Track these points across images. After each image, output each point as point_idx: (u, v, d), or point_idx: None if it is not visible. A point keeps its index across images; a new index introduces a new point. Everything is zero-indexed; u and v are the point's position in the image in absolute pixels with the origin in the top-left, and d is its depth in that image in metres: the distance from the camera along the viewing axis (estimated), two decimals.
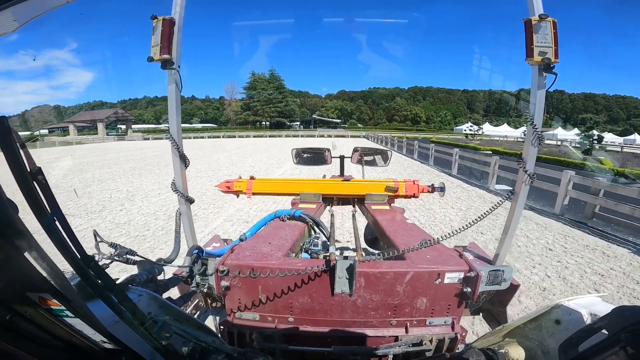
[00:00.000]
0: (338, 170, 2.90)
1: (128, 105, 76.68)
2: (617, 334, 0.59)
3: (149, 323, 0.71)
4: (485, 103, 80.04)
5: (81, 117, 53.94)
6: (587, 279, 3.86)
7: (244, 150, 24.04)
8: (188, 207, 1.64)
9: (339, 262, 1.02)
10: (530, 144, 1.40)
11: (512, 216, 1.53)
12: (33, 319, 0.60)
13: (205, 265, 1.14)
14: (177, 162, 1.54)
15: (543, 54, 1.28)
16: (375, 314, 1.11)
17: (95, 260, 0.70)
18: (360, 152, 2.81)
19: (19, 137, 0.55)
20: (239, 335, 1.13)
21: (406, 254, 1.20)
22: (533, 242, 5.07)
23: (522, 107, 2.23)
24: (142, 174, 12.30)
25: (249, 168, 13.45)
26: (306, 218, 1.67)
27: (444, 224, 5.97)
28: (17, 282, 0.55)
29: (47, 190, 0.57)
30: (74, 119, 51.89)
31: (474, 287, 1.08)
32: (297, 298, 1.10)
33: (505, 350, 0.95)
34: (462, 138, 43.89)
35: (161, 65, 1.39)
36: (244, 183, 2.22)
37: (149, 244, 4.87)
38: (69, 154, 23.24)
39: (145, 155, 20.76)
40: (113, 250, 1.24)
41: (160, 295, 1.09)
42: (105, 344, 0.69)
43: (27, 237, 0.53)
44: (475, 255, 1.69)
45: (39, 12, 0.77)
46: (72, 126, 49.50)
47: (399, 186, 2.13)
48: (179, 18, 1.39)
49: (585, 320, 0.87)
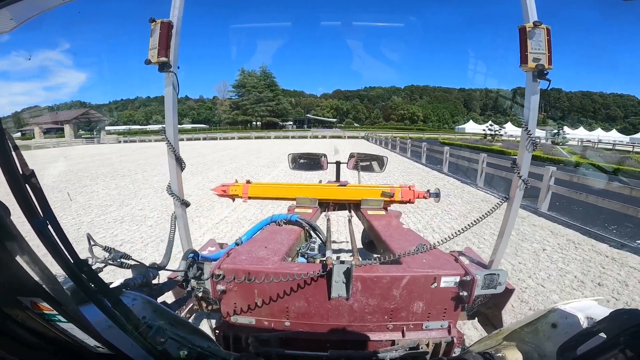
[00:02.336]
0: (334, 176, 2.91)
1: (120, 105, 75.26)
2: (616, 337, 0.59)
3: (143, 328, 0.70)
4: (482, 101, 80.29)
5: (46, 118, 50.03)
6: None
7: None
8: (183, 210, 1.63)
9: (335, 266, 1.02)
10: (525, 149, 1.41)
11: (507, 221, 1.54)
12: (25, 323, 0.58)
13: (201, 269, 1.13)
14: (172, 165, 1.53)
15: (537, 60, 1.29)
16: (372, 318, 1.10)
17: (89, 264, 0.69)
18: (356, 158, 2.82)
19: (12, 139, 0.54)
20: (234, 340, 1.12)
21: (402, 259, 1.20)
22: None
23: (517, 111, 2.25)
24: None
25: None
26: (302, 222, 1.67)
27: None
28: (8, 286, 0.54)
29: (40, 194, 0.56)
30: (39, 121, 48.55)
31: (469, 291, 1.09)
32: (293, 302, 1.10)
33: (502, 354, 0.95)
34: (473, 139, 39.08)
35: (159, 68, 1.38)
36: (240, 187, 2.22)
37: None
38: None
39: (100, 163, 16.51)
40: (107, 254, 1.22)
41: (154, 300, 1.08)
42: (99, 349, 0.68)
43: (18, 241, 0.52)
44: (471, 259, 1.70)
45: (35, 11, 0.76)
46: (38, 129, 46.38)
47: (394, 192, 2.14)
48: (177, 21, 1.39)
49: (581, 323, 0.87)
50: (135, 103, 77.19)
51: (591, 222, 5.99)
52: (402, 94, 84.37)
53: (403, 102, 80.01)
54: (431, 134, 49.77)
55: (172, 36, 1.36)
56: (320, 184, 2.42)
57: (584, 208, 7.03)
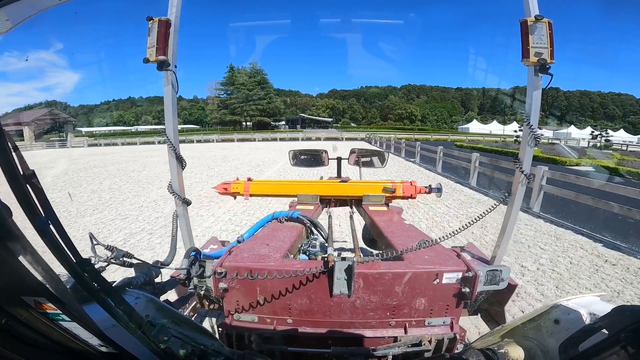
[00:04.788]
0: (335, 172, 2.90)
1: (112, 106, 72.78)
2: (618, 333, 0.59)
3: (146, 326, 0.71)
4: (479, 101, 79.63)
5: (6, 120, 42.47)
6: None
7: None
8: (185, 209, 1.63)
9: (337, 263, 1.02)
10: (527, 144, 1.40)
11: (509, 217, 1.53)
12: (29, 323, 0.59)
13: (203, 267, 1.13)
14: (173, 164, 1.53)
15: (539, 54, 1.29)
16: (374, 315, 1.10)
17: (91, 263, 0.69)
18: (357, 154, 2.81)
19: (12, 140, 0.54)
20: (237, 337, 1.12)
21: (404, 255, 1.19)
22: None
23: (518, 107, 2.23)
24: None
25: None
26: (304, 219, 1.67)
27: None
28: (11, 286, 0.55)
29: (41, 194, 0.56)
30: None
31: (472, 287, 1.09)
32: (295, 299, 1.10)
33: (505, 350, 0.95)
34: (493, 141, 33.84)
35: (157, 67, 1.38)
36: (242, 185, 2.22)
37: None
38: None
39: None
40: (109, 253, 1.23)
41: (157, 298, 1.09)
42: (102, 348, 0.68)
43: (21, 241, 0.52)
44: (473, 255, 1.70)
45: (31, 12, 0.76)
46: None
47: (396, 187, 2.13)
48: (174, 19, 1.38)
49: (584, 319, 0.87)
50: (126, 103, 74.73)
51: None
52: (399, 93, 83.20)
53: (400, 101, 78.70)
54: (436, 134, 44.69)
55: (170, 34, 1.36)
56: (321, 181, 2.42)
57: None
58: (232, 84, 63.50)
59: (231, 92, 63.77)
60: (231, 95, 63.55)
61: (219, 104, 65.35)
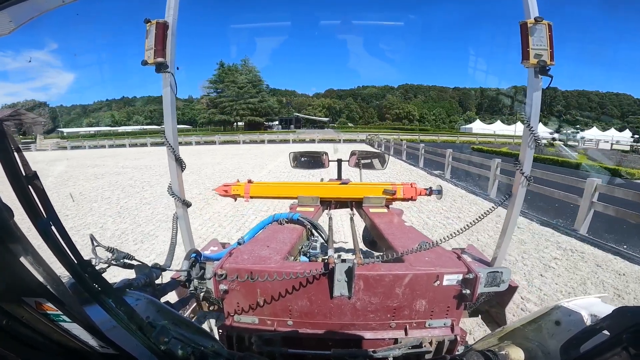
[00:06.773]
0: (335, 174, 2.90)
1: (105, 106, 70.73)
2: (619, 334, 0.58)
3: (146, 327, 0.71)
4: (477, 100, 79.27)
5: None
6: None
7: None
8: (185, 210, 1.63)
9: (337, 265, 1.01)
10: (527, 145, 1.41)
11: (510, 218, 1.53)
12: (29, 323, 0.59)
13: (204, 269, 1.13)
14: (173, 166, 1.53)
15: (539, 56, 1.29)
16: (375, 317, 1.10)
17: (92, 264, 0.70)
18: (357, 156, 2.82)
19: (14, 141, 0.54)
20: (238, 339, 1.12)
21: (405, 257, 1.19)
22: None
23: (517, 108, 2.23)
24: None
25: None
26: (304, 221, 1.67)
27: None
28: (13, 286, 0.55)
29: (43, 195, 0.56)
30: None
31: (472, 289, 1.08)
32: (296, 301, 1.10)
33: (506, 351, 0.94)
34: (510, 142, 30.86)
35: (155, 69, 1.38)
36: (242, 187, 2.22)
37: None
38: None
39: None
40: (110, 255, 1.23)
41: (158, 300, 1.08)
42: (103, 349, 0.68)
43: (22, 242, 0.52)
44: (473, 257, 1.70)
45: (34, 13, 0.76)
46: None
47: (396, 189, 2.14)
48: (172, 21, 1.39)
49: (585, 321, 0.87)
50: (120, 103, 71.83)
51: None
52: (396, 92, 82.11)
53: (398, 101, 77.61)
54: (441, 135, 41.34)
55: (168, 36, 1.36)
56: (322, 182, 2.42)
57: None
58: (221, 82, 59.12)
59: (221, 90, 59.39)
60: (221, 93, 59.23)
61: (208, 102, 60.66)
